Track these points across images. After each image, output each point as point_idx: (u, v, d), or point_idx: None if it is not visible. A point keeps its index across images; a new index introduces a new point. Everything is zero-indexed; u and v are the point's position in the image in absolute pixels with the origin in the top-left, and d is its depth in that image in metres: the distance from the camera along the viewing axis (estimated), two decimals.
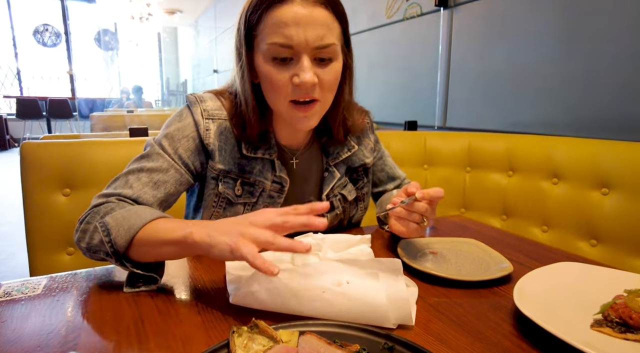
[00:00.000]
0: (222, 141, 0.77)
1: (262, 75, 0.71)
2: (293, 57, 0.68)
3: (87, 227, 0.64)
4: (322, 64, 0.69)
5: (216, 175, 0.78)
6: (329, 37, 0.68)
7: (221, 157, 0.77)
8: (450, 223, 1.00)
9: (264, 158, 0.79)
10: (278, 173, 0.80)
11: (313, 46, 0.66)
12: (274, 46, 0.67)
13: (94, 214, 0.65)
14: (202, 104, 0.78)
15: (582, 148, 1.18)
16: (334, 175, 0.86)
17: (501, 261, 0.70)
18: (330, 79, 0.71)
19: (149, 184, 0.72)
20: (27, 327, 0.51)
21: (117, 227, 0.61)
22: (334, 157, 0.87)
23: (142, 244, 0.60)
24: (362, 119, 0.92)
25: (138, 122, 2.99)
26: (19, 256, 2.81)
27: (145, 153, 0.75)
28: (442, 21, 1.99)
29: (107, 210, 0.65)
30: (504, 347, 0.48)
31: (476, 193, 1.43)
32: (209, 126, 0.77)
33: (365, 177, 0.93)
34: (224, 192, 0.78)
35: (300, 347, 0.41)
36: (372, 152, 0.95)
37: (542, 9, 1.53)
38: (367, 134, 0.94)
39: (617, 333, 0.48)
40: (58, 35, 8.29)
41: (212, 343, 0.46)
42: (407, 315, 0.50)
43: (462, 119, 1.94)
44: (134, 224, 0.60)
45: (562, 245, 1.17)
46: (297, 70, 0.67)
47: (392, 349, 0.44)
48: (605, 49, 1.32)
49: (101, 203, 0.68)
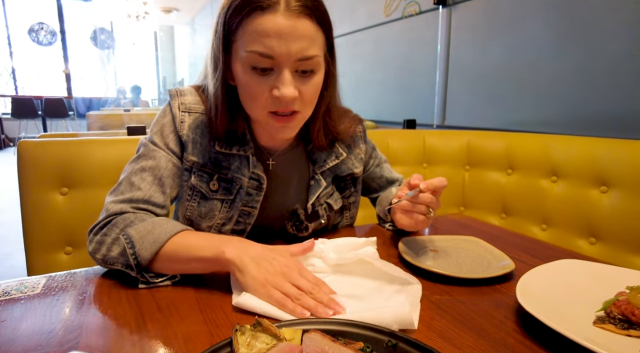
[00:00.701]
0: (197, 134, 0.77)
1: (239, 83, 0.69)
2: (274, 68, 0.65)
3: (104, 239, 0.64)
4: (304, 76, 0.67)
5: (189, 166, 0.77)
6: (312, 49, 0.65)
7: (195, 150, 0.76)
8: (451, 222, 1.00)
9: (240, 154, 0.78)
10: (252, 169, 0.78)
11: (295, 58, 0.64)
12: (254, 55, 0.64)
13: (111, 226, 0.65)
14: (180, 98, 0.78)
15: (581, 146, 1.18)
16: (320, 184, 0.84)
17: (502, 259, 0.70)
18: (311, 92, 0.69)
19: (154, 182, 0.73)
20: (27, 326, 0.50)
21: (141, 240, 0.62)
22: (320, 165, 0.84)
23: (167, 259, 0.61)
24: (353, 127, 0.89)
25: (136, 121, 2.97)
26: (14, 257, 2.80)
27: (142, 153, 0.76)
28: (441, 19, 1.99)
29: (127, 222, 0.65)
30: (508, 344, 0.48)
31: (475, 191, 1.43)
32: (184, 118, 0.77)
33: (352, 187, 0.91)
34: (197, 184, 0.77)
35: (305, 344, 0.40)
36: (361, 162, 0.91)
37: (540, 7, 1.53)
38: (357, 143, 0.91)
39: (620, 330, 0.48)
40: (53, 33, 8.23)
41: (214, 342, 0.45)
42: (409, 321, 0.50)
43: (461, 118, 1.94)
44: (158, 237, 0.62)
45: (561, 243, 1.18)
46: (278, 83, 0.65)
47: (396, 347, 0.44)
48: (603, 47, 1.33)
49: (116, 213, 0.68)
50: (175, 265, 0.62)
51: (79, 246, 1.04)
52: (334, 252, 0.69)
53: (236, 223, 0.80)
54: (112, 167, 1.08)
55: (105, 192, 1.06)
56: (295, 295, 0.55)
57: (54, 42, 8.30)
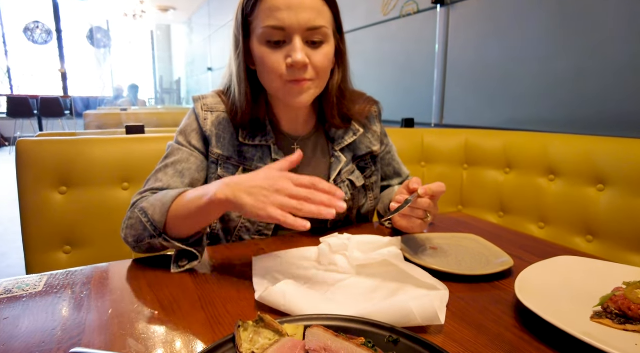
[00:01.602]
0: (220, 130, 0.83)
1: (257, 58, 0.76)
2: (286, 40, 0.72)
3: (130, 222, 0.72)
4: (314, 46, 0.74)
5: (215, 159, 0.83)
6: (320, 20, 0.72)
7: (219, 144, 0.83)
8: (450, 220, 1.00)
9: (262, 144, 0.83)
10: (274, 156, 0.83)
11: (304, 28, 0.71)
12: (268, 29, 0.71)
13: (133, 209, 0.73)
14: (202, 100, 0.86)
15: (578, 145, 1.19)
16: (340, 160, 0.88)
17: (501, 256, 0.71)
18: (321, 60, 0.74)
19: (175, 175, 0.79)
20: (30, 324, 0.50)
21: (152, 207, 0.68)
22: (339, 142, 0.89)
23: (176, 217, 0.66)
24: (368, 107, 0.94)
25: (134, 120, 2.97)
26: (12, 256, 2.79)
27: (167, 153, 0.83)
28: (439, 18, 1.99)
29: (143, 201, 0.72)
30: (506, 338, 0.49)
31: (473, 190, 1.44)
32: (207, 116, 0.84)
33: (373, 166, 0.94)
34: (223, 175, 0.82)
35: (308, 339, 0.41)
36: (379, 140, 0.95)
37: (538, 6, 1.54)
38: (373, 122, 0.96)
39: (617, 325, 0.49)
40: (49, 32, 8.19)
41: (217, 339, 0.46)
42: (434, 315, 0.48)
43: (459, 116, 1.95)
44: (166, 201, 0.67)
45: (559, 241, 1.19)
46: (290, 51, 0.72)
47: (397, 342, 0.44)
48: (601, 47, 1.34)
49: (137, 200, 0.75)
50: (185, 223, 0.66)
51: (78, 245, 1.04)
52: (358, 249, 0.69)
53: None
54: (111, 166, 1.08)
55: (104, 190, 1.07)
56: (296, 206, 0.57)
57: (50, 41, 8.25)
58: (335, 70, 0.82)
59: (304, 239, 0.82)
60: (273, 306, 0.53)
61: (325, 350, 0.39)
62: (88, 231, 1.04)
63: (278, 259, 0.69)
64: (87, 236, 1.04)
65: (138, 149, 1.12)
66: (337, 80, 0.83)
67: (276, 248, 0.75)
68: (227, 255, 0.74)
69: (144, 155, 1.12)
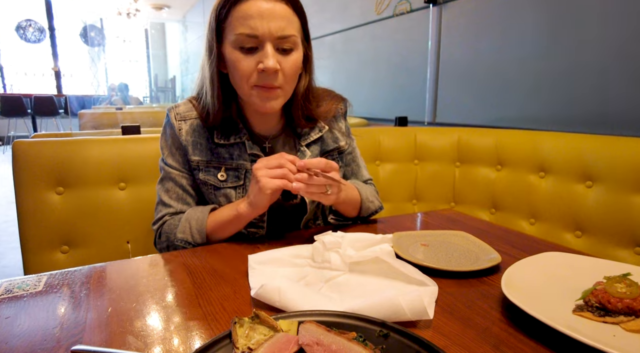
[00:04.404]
0: (195, 136, 0.88)
1: (230, 63, 0.79)
2: (258, 46, 0.76)
3: (165, 245, 0.86)
4: (284, 53, 0.78)
5: (195, 166, 0.88)
6: (290, 29, 0.77)
7: (196, 150, 0.88)
8: (441, 217, 1.02)
9: (237, 142, 0.87)
10: (249, 151, 0.87)
11: (276, 36, 0.75)
12: (241, 36, 0.75)
13: (163, 234, 0.86)
14: (175, 109, 0.90)
15: (568, 142, 1.22)
16: (305, 154, 0.92)
17: (490, 252, 0.73)
18: (291, 66, 0.79)
19: (179, 201, 0.89)
20: (31, 322, 0.52)
21: (190, 234, 0.82)
22: (305, 138, 0.93)
23: (212, 233, 0.83)
24: (334, 107, 0.96)
25: (130, 120, 2.96)
26: (8, 256, 2.78)
27: (162, 177, 0.91)
28: (432, 18, 2.01)
29: (172, 227, 0.85)
30: (492, 332, 0.51)
31: (466, 187, 1.46)
32: (182, 126, 0.88)
33: (340, 161, 0.98)
34: (205, 179, 0.88)
35: (301, 334, 0.42)
36: (344, 136, 0.99)
37: (528, 6, 1.56)
38: (339, 119, 0.99)
39: (597, 317, 0.51)
40: (42, 30, 8.11)
41: (214, 335, 0.47)
42: (423, 311, 0.51)
43: (452, 115, 1.97)
44: (201, 225, 0.82)
45: (549, 236, 1.21)
46: (262, 57, 0.76)
47: (387, 336, 0.46)
48: (590, 46, 1.36)
49: (163, 222, 0.87)
50: (221, 234, 0.83)
51: (76, 245, 1.05)
52: (351, 247, 0.71)
53: None
54: (108, 166, 1.09)
55: (100, 191, 1.08)
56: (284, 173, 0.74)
57: (43, 39, 8.17)
58: (302, 75, 0.87)
59: (299, 238, 0.84)
60: (268, 302, 0.55)
61: (317, 344, 0.41)
62: (85, 231, 1.05)
63: (273, 257, 0.70)
64: (84, 236, 1.05)
65: (134, 149, 1.13)
66: (304, 84, 0.87)
67: (271, 247, 0.76)
68: (224, 255, 0.76)
69: (140, 156, 1.13)
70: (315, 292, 0.59)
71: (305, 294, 0.56)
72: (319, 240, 0.72)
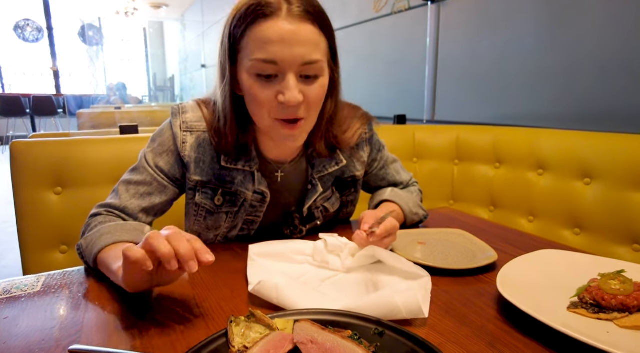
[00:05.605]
0: (199, 153, 0.78)
1: (246, 91, 0.69)
2: (278, 74, 0.65)
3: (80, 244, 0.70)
4: (308, 81, 0.67)
5: (193, 186, 0.79)
6: (315, 54, 0.65)
7: (198, 169, 0.78)
8: (439, 215, 1.03)
9: (245, 169, 0.78)
10: (257, 186, 0.79)
11: (299, 63, 0.64)
12: (258, 63, 0.64)
13: (86, 228, 0.73)
14: (182, 116, 0.79)
15: (566, 140, 1.22)
16: (317, 190, 0.83)
17: (486, 250, 0.74)
18: (316, 96, 0.68)
19: (135, 196, 0.76)
20: (29, 322, 0.52)
21: (87, 248, 0.66)
22: (319, 170, 0.83)
23: (101, 266, 0.63)
24: (357, 134, 0.86)
25: (128, 119, 2.96)
26: (8, 257, 2.78)
27: (135, 166, 0.79)
28: (430, 15, 2.01)
29: (92, 227, 0.70)
30: (488, 329, 0.51)
31: (464, 185, 1.46)
32: (186, 138, 0.78)
33: (353, 188, 0.91)
34: (201, 202, 0.80)
35: (296, 332, 0.43)
36: (364, 165, 0.91)
37: (527, 5, 1.56)
38: (361, 147, 0.89)
39: (591, 314, 0.51)
40: (40, 30, 8.10)
41: (211, 333, 0.48)
42: (418, 309, 0.51)
43: (450, 113, 1.97)
44: (93, 250, 0.64)
45: (547, 234, 1.22)
46: (282, 88, 0.65)
47: (383, 334, 0.46)
48: (589, 44, 1.36)
49: (95, 214, 0.74)
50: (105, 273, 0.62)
51: (74, 245, 1.05)
52: (352, 255, 0.70)
53: (240, 230, 0.83)
54: (106, 166, 1.09)
55: (98, 191, 1.08)
56: None
57: (41, 38, 8.16)
58: (328, 99, 0.75)
59: None
60: (265, 299, 0.55)
61: (312, 342, 0.41)
62: None
63: (274, 250, 0.71)
64: None
65: (132, 149, 1.13)
66: (329, 109, 0.77)
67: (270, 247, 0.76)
68: (222, 256, 0.76)
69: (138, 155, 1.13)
70: (312, 289, 0.59)
71: (303, 292, 0.56)
72: (323, 240, 0.73)
